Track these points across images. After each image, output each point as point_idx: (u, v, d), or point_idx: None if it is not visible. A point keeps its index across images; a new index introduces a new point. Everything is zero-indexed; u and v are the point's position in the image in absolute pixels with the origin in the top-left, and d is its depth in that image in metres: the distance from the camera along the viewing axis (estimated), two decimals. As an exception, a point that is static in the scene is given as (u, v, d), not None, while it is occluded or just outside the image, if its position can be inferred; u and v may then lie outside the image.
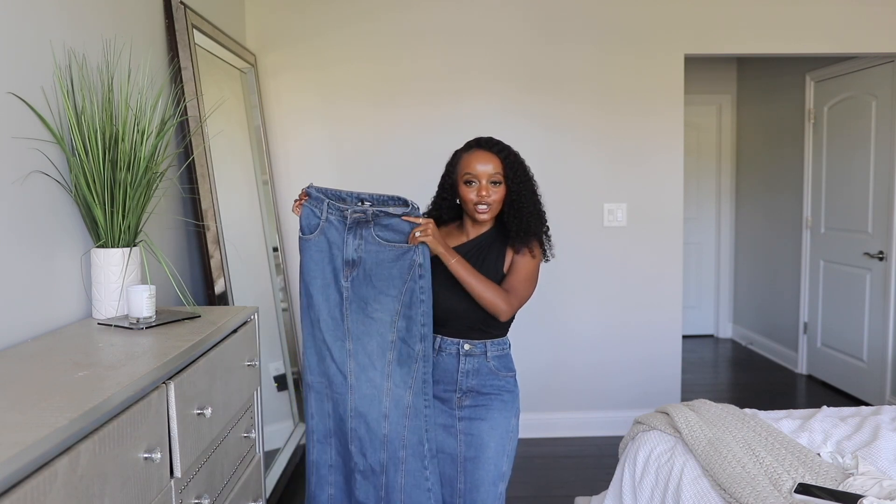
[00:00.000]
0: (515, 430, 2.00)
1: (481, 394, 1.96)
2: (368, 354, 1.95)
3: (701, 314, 5.96)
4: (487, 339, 1.97)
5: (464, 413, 1.96)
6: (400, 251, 1.91)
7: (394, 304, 1.93)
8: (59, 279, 1.70)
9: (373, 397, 1.95)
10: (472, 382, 1.96)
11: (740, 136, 5.73)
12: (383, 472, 1.96)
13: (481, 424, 1.94)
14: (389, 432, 1.94)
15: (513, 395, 2.00)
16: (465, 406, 1.96)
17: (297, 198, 1.97)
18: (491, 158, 1.92)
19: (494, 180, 1.91)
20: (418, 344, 1.92)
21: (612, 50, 3.60)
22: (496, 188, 1.92)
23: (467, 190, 1.93)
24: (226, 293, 2.56)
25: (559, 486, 3.12)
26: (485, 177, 1.91)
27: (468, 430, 1.95)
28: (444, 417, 1.97)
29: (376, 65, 3.55)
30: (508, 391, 1.98)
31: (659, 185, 3.66)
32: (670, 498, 2.04)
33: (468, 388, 1.96)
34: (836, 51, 3.69)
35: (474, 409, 1.96)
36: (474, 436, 1.94)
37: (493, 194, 1.91)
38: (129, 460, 1.14)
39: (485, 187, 1.90)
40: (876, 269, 4.03)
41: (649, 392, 3.72)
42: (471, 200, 1.92)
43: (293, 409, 3.49)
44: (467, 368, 1.96)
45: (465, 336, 1.96)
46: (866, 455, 2.01)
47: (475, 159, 1.92)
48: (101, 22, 1.96)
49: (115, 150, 1.75)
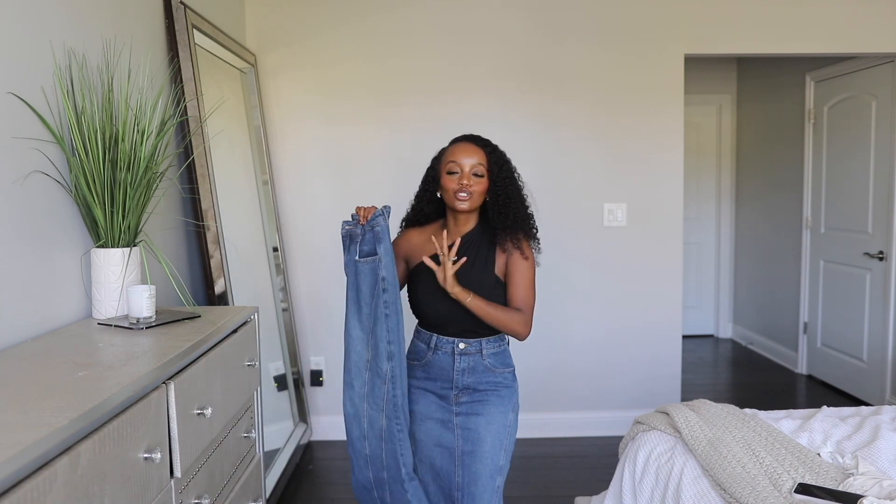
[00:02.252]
0: (513, 424, 2.00)
1: (478, 390, 1.97)
2: (349, 371, 1.97)
3: (701, 314, 5.96)
4: (482, 337, 1.97)
5: (461, 409, 1.97)
6: (372, 264, 1.88)
7: (366, 322, 1.92)
8: (59, 279, 1.70)
9: (354, 416, 1.97)
10: (469, 380, 1.97)
11: (740, 136, 5.73)
12: (373, 489, 1.99)
13: (478, 419, 1.95)
14: (370, 453, 1.95)
15: (510, 391, 2.00)
16: (463, 402, 1.97)
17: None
18: (475, 151, 1.94)
19: (477, 172, 1.92)
20: (385, 363, 1.89)
21: (612, 50, 3.60)
22: (478, 180, 1.93)
23: (449, 179, 1.93)
24: (226, 293, 2.56)
25: (559, 486, 3.12)
26: (467, 166, 1.92)
27: (465, 424, 1.96)
28: (441, 413, 1.98)
29: (376, 64, 3.55)
30: (506, 386, 1.99)
31: (659, 185, 3.66)
32: (670, 498, 2.04)
33: (464, 385, 1.97)
34: (836, 51, 3.69)
35: (471, 405, 1.96)
36: (471, 430, 1.95)
37: (474, 184, 1.92)
38: (129, 460, 1.14)
39: (466, 175, 1.91)
40: (876, 269, 4.03)
41: (649, 392, 3.72)
42: (451, 189, 1.93)
43: (293, 409, 3.49)
44: (463, 367, 1.97)
45: (460, 336, 1.97)
46: (866, 455, 2.01)
47: (460, 150, 1.95)
48: (101, 22, 1.96)
49: (115, 150, 1.75)
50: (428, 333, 2.01)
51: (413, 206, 2.08)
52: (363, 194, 3.37)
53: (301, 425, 3.51)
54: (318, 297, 3.61)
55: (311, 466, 3.36)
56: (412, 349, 2.07)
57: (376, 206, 1.91)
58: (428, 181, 2.04)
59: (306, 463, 3.39)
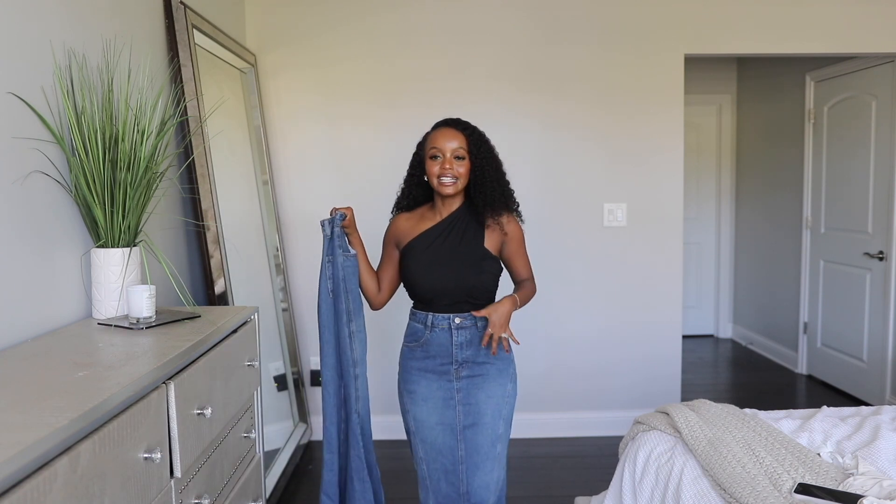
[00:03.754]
0: (512, 393, 2.09)
1: (477, 363, 2.04)
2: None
3: (701, 314, 5.96)
4: (476, 307, 2.04)
5: (461, 384, 2.03)
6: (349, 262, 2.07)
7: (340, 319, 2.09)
8: (59, 279, 1.70)
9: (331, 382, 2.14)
10: (467, 353, 2.03)
11: (740, 136, 5.73)
12: None
13: (478, 394, 2.03)
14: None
15: (506, 361, 2.08)
16: (463, 377, 2.03)
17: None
18: (456, 135, 2.03)
19: (458, 155, 2.01)
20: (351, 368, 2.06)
21: (612, 50, 3.60)
22: (460, 163, 2.01)
23: (432, 164, 2.02)
24: (226, 293, 2.56)
25: (559, 486, 3.12)
26: (449, 151, 2.01)
27: (466, 400, 2.03)
28: (442, 392, 2.04)
29: (376, 64, 3.55)
30: (502, 358, 2.06)
31: (659, 185, 3.66)
32: (670, 498, 2.04)
33: (463, 359, 2.03)
34: (836, 51, 3.69)
35: (471, 380, 2.03)
36: (472, 405, 2.02)
37: (456, 167, 2.01)
38: (129, 460, 1.14)
39: (448, 160, 2.00)
40: (876, 269, 4.03)
41: (649, 392, 3.72)
42: (434, 174, 2.02)
43: (293, 409, 3.49)
44: (461, 340, 2.03)
45: (454, 310, 2.03)
46: (866, 455, 2.01)
47: (441, 135, 2.03)
48: (101, 22, 1.96)
49: (115, 150, 1.75)
50: (423, 313, 2.07)
51: (402, 191, 2.16)
52: (363, 194, 3.37)
53: (301, 425, 3.51)
54: (318, 297, 3.61)
55: (311, 466, 3.36)
56: (409, 332, 2.12)
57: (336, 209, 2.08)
58: (415, 166, 2.13)
59: (306, 463, 3.39)
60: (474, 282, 2.02)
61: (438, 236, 2.05)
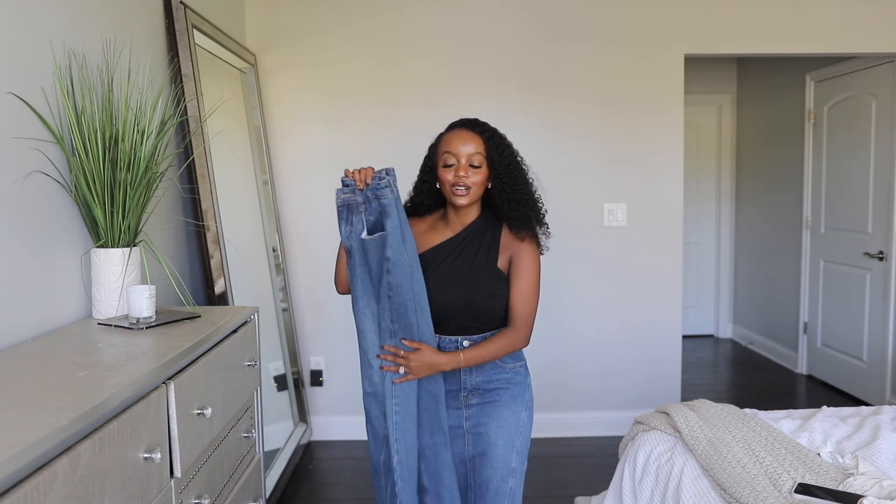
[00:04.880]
0: (527, 423, 1.90)
1: (487, 390, 1.86)
2: (366, 352, 1.84)
3: (701, 314, 5.96)
4: (487, 331, 1.85)
5: (471, 412, 1.86)
6: (380, 241, 1.73)
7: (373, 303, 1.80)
8: (59, 279, 1.70)
9: (373, 395, 1.84)
10: (477, 379, 1.85)
11: (740, 136, 5.73)
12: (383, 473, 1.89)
13: (489, 423, 1.84)
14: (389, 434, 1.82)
15: (522, 387, 1.90)
16: (473, 405, 1.86)
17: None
18: (473, 138, 1.81)
19: (474, 162, 1.79)
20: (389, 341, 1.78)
21: (612, 50, 3.60)
22: (476, 171, 1.79)
23: (446, 171, 1.80)
24: (226, 293, 2.56)
25: (559, 486, 3.12)
26: (464, 156, 1.79)
27: (475, 429, 1.86)
28: (451, 420, 1.86)
29: (376, 64, 3.55)
30: (517, 383, 1.88)
31: (659, 185, 3.66)
32: (670, 498, 2.04)
33: (473, 385, 1.86)
34: (836, 51, 3.69)
35: (481, 408, 1.85)
36: (482, 434, 1.85)
37: (471, 176, 1.79)
38: (129, 460, 1.14)
39: (463, 167, 1.78)
40: (876, 269, 4.03)
41: (649, 392, 3.72)
42: (448, 181, 1.80)
43: (293, 409, 3.49)
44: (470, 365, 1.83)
45: (463, 333, 1.84)
46: (866, 455, 2.01)
47: (455, 138, 1.81)
48: (101, 22, 1.96)
49: (115, 150, 1.75)
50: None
51: (412, 198, 1.94)
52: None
53: (301, 425, 3.51)
54: (318, 297, 3.61)
55: (311, 466, 3.36)
56: None
57: (373, 168, 1.75)
58: (426, 171, 1.90)
59: (306, 463, 3.39)
60: (485, 307, 1.81)
61: (451, 252, 1.84)
